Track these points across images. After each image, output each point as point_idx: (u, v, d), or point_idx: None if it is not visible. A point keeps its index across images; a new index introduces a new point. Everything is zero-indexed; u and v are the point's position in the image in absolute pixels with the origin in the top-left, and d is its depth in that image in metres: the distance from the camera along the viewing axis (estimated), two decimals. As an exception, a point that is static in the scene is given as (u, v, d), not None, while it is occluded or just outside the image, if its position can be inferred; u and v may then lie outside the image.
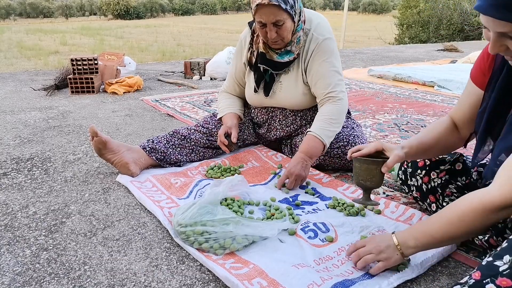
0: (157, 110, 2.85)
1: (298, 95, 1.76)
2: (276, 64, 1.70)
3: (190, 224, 1.19)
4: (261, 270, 1.07)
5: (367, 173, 1.20)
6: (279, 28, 1.56)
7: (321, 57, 1.67)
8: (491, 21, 0.85)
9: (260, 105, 1.87)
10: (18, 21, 28.70)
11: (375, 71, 4.30)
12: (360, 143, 1.71)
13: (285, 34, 1.59)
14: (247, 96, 1.89)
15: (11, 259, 1.17)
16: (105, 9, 31.32)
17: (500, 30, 0.85)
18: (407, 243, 1.00)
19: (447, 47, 6.96)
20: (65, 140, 2.20)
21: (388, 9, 34.50)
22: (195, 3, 38.37)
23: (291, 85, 1.75)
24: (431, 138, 1.21)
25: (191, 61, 4.09)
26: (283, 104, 1.81)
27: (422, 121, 2.63)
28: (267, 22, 1.55)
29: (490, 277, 0.76)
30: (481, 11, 0.86)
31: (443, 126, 1.22)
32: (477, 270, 0.80)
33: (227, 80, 1.97)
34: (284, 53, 1.68)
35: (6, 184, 1.66)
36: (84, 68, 3.27)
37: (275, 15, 1.52)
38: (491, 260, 0.79)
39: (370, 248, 1.05)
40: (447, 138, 1.21)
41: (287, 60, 1.69)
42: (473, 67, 1.15)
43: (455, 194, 1.28)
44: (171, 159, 1.78)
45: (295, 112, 1.85)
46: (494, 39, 0.88)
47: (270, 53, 1.69)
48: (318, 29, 1.69)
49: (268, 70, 1.72)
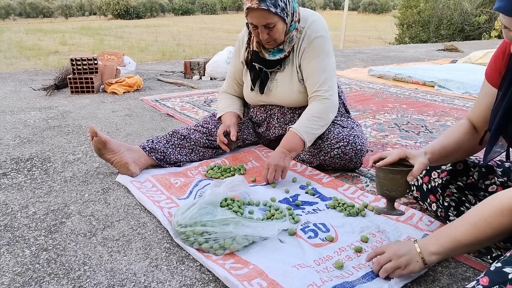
0: (157, 110, 2.85)
1: (293, 92, 1.77)
2: (269, 62, 1.73)
3: (190, 224, 1.19)
4: (261, 271, 1.07)
5: (392, 183, 1.14)
6: (270, 30, 1.59)
7: (311, 55, 1.69)
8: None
9: (257, 103, 1.90)
10: (18, 21, 28.69)
11: (375, 71, 4.30)
12: (360, 143, 1.71)
13: (276, 35, 1.62)
14: (244, 94, 1.92)
15: (11, 259, 1.17)
16: (105, 9, 31.31)
17: None
18: (429, 249, 0.96)
19: (448, 47, 6.96)
20: (64, 140, 2.20)
21: (388, 9, 34.50)
22: (195, 3, 38.36)
23: (286, 83, 1.77)
24: (453, 142, 1.19)
25: (191, 61, 4.09)
26: (280, 102, 1.83)
27: (423, 121, 2.62)
28: (258, 25, 1.58)
29: (499, 284, 0.74)
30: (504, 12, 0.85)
31: (463, 129, 1.20)
32: (485, 275, 0.77)
33: (226, 80, 1.98)
34: (276, 51, 1.71)
35: (6, 184, 1.66)
36: (83, 68, 3.27)
37: (265, 18, 1.55)
38: (500, 266, 0.77)
39: (390, 255, 1.01)
40: (467, 141, 1.19)
41: (278, 58, 1.71)
42: (488, 68, 1.14)
43: (455, 194, 1.28)
44: (171, 159, 1.78)
45: (293, 110, 1.85)
46: None
47: (263, 51, 1.73)
48: (312, 27, 1.70)
49: (263, 68, 1.75)
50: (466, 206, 1.26)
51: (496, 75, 1.09)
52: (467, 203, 1.26)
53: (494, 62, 1.10)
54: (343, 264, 1.12)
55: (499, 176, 1.21)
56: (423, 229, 1.30)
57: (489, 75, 1.13)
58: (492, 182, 1.22)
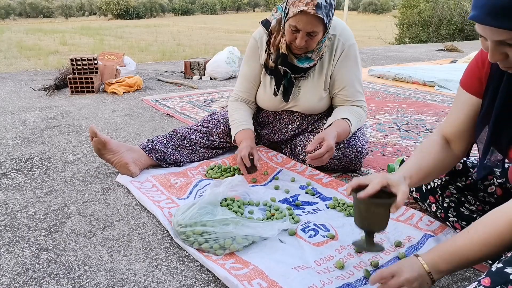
0: (157, 110, 2.85)
1: (315, 101, 1.75)
2: (295, 68, 1.66)
3: (190, 224, 1.19)
4: (261, 271, 1.07)
5: (375, 217, 1.01)
6: (311, 38, 1.52)
7: (347, 63, 1.69)
8: (488, 30, 0.83)
9: (275, 109, 1.83)
10: (18, 21, 28.67)
11: (375, 71, 4.30)
12: (360, 145, 1.70)
13: (313, 44, 1.56)
14: (260, 98, 1.82)
15: (11, 259, 1.17)
16: (105, 9, 31.30)
17: (498, 38, 0.83)
18: (438, 268, 0.91)
19: (448, 47, 6.95)
20: (64, 140, 2.20)
21: (388, 9, 34.47)
22: (195, 3, 38.35)
23: (309, 91, 1.73)
24: (430, 162, 1.11)
25: (191, 61, 4.09)
26: (300, 109, 1.80)
27: (423, 121, 2.63)
28: (302, 30, 1.49)
29: (501, 285, 0.73)
30: (477, 21, 0.84)
31: (438, 147, 1.13)
32: (487, 276, 0.77)
33: (241, 84, 1.84)
34: (304, 59, 1.64)
35: (6, 184, 1.66)
36: (83, 68, 3.27)
37: (313, 26, 1.48)
38: (502, 266, 0.77)
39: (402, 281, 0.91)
40: (443, 159, 1.13)
41: (306, 66, 1.65)
42: (464, 77, 1.10)
43: (455, 195, 1.28)
44: (171, 159, 1.77)
45: (303, 116, 1.84)
46: (492, 47, 0.86)
47: (291, 56, 1.64)
48: (343, 34, 1.68)
49: (287, 73, 1.67)
50: (466, 207, 1.26)
51: (475, 83, 1.06)
52: (466, 204, 1.26)
53: (472, 71, 1.07)
54: (344, 264, 1.12)
55: (497, 177, 1.21)
56: (423, 229, 1.30)
57: (467, 83, 1.09)
58: (491, 183, 1.22)
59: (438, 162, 1.12)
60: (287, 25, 1.53)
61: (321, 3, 1.43)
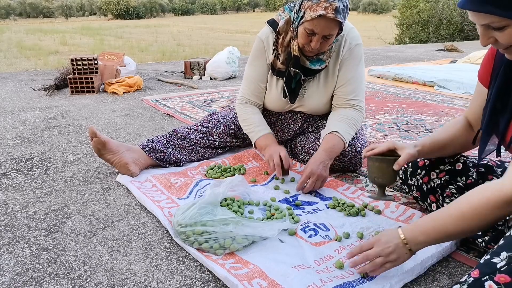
0: (157, 110, 2.85)
1: (321, 103, 1.75)
2: (306, 70, 1.65)
3: (190, 224, 1.19)
4: (261, 271, 1.07)
5: (379, 171, 1.27)
6: (325, 40, 1.51)
7: (351, 62, 1.68)
8: (474, 15, 0.89)
9: (280, 110, 1.82)
10: (18, 21, 28.68)
11: (375, 71, 4.30)
12: (359, 145, 1.71)
13: (326, 46, 1.55)
14: (268, 100, 1.80)
15: (11, 259, 1.17)
16: (105, 9, 31.31)
17: (482, 22, 0.89)
18: (416, 239, 0.97)
19: (447, 47, 6.96)
20: (65, 140, 2.20)
21: (388, 9, 34.47)
22: (195, 3, 38.36)
23: (315, 92, 1.73)
24: (446, 136, 1.24)
25: (191, 61, 4.09)
26: (306, 110, 1.79)
27: (422, 121, 2.63)
28: (319, 33, 1.47)
29: (489, 275, 0.77)
30: (461, 7, 0.90)
31: (459, 125, 1.25)
32: (476, 268, 0.80)
33: (247, 87, 1.79)
34: (316, 61, 1.63)
35: (6, 184, 1.66)
36: (84, 68, 3.27)
37: (330, 30, 1.47)
38: (489, 258, 0.80)
39: (379, 251, 1.00)
40: (461, 136, 1.24)
41: (318, 68, 1.64)
42: (480, 68, 1.17)
43: (455, 195, 1.28)
44: (171, 159, 1.78)
45: (305, 117, 1.84)
46: (481, 32, 0.92)
47: (302, 58, 1.62)
48: (350, 34, 1.67)
49: (298, 75, 1.65)
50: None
51: (486, 75, 1.13)
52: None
53: (484, 63, 1.15)
54: (344, 264, 1.12)
55: (498, 176, 1.21)
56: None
57: (481, 75, 1.17)
58: (491, 182, 1.22)
59: (454, 138, 1.24)
60: (301, 27, 1.50)
61: (339, 7, 1.42)
